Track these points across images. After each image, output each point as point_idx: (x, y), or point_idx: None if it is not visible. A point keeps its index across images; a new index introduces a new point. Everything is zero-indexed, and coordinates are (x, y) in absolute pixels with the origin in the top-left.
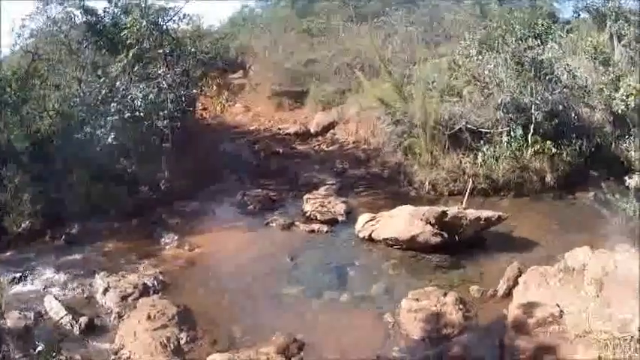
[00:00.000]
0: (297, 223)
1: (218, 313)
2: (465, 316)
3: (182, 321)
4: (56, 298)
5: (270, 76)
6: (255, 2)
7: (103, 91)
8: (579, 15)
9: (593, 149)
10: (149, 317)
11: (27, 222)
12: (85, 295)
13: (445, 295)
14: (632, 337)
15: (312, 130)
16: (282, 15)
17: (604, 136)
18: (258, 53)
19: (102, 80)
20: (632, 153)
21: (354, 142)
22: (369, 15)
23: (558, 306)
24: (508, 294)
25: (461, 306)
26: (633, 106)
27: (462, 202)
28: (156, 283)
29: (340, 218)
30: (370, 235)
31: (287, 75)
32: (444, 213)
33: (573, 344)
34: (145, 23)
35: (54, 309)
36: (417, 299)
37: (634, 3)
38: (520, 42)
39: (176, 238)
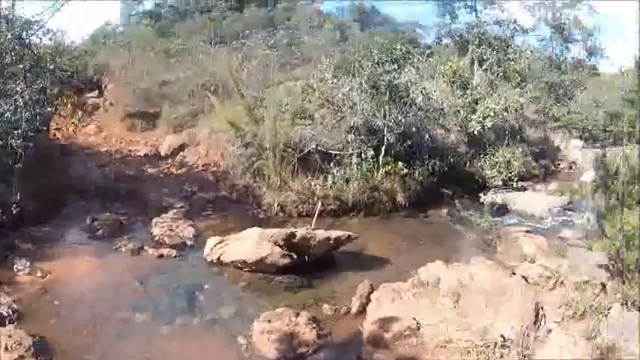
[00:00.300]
0: (146, 247)
1: (72, 342)
2: (320, 335)
3: (38, 351)
4: None
5: (125, 96)
6: (118, 20)
7: None
8: (441, 40)
9: (446, 168)
10: (6, 348)
11: None
12: None
13: (297, 315)
14: (495, 343)
15: (162, 153)
16: (143, 34)
17: (458, 155)
18: (115, 72)
19: None
20: (487, 171)
21: (203, 165)
22: (228, 37)
23: (415, 319)
24: (362, 311)
25: (314, 325)
26: (490, 126)
27: (311, 224)
28: (11, 312)
29: (189, 242)
30: (219, 258)
31: (141, 96)
32: (293, 234)
33: (434, 354)
34: (9, 36)
35: None
36: (269, 320)
37: (499, 29)
38: (377, 66)
39: (28, 264)
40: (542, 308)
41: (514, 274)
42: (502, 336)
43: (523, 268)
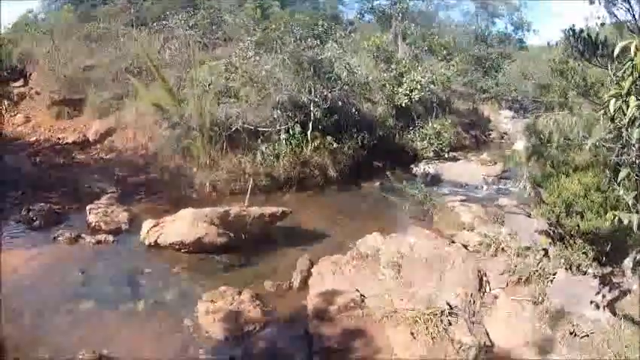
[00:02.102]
0: (83, 235)
1: (21, 336)
2: (264, 311)
3: None
4: None
5: (50, 83)
6: (40, 7)
7: None
8: (363, 16)
9: (376, 141)
10: None
11: None
12: None
13: (240, 293)
14: (441, 311)
15: (90, 139)
16: (65, 20)
17: (387, 128)
18: (40, 60)
19: None
20: (418, 143)
21: (132, 149)
22: (149, 19)
23: (358, 291)
24: (304, 285)
25: (258, 302)
26: (417, 99)
27: (244, 201)
28: None
29: (124, 226)
30: (156, 241)
31: (66, 82)
32: (227, 212)
33: (381, 324)
34: None
35: None
36: (212, 300)
37: (422, 4)
38: (299, 42)
39: None
40: (485, 275)
41: (453, 242)
42: (448, 304)
43: (462, 236)
